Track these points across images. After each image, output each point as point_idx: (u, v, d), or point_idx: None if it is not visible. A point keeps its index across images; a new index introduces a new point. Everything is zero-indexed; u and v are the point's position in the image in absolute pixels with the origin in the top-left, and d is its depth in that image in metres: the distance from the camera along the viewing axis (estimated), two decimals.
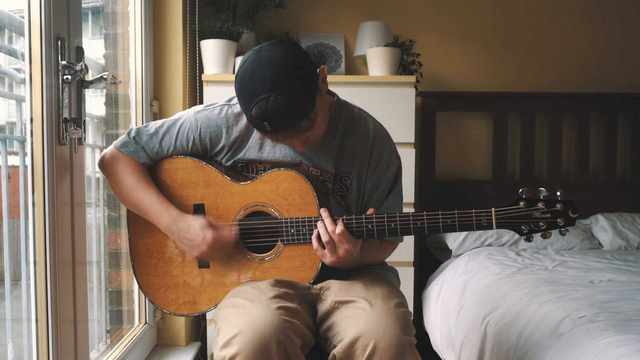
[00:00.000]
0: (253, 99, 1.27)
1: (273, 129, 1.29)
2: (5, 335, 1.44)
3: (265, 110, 1.26)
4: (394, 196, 1.52)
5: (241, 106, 1.33)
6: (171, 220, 1.42)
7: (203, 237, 1.38)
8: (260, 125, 1.30)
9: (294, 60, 1.28)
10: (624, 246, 2.68)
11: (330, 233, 1.35)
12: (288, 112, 1.26)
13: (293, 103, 1.26)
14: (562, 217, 1.33)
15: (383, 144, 1.50)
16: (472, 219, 1.34)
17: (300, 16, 2.96)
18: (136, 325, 2.20)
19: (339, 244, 1.35)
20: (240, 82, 1.30)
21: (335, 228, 1.34)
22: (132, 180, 1.44)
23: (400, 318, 1.28)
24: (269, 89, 1.25)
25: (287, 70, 1.27)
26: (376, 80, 2.46)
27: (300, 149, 1.39)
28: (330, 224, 1.35)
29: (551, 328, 1.65)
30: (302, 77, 1.28)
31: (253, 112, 1.28)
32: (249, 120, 1.32)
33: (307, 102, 1.29)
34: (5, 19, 1.35)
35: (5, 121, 1.64)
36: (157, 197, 1.44)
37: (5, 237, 1.43)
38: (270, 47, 1.30)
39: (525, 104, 2.97)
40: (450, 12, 3.03)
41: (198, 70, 2.56)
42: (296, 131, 1.31)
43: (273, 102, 1.25)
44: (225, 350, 1.22)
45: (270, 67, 1.26)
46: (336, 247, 1.36)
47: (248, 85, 1.28)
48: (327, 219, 1.36)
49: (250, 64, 1.29)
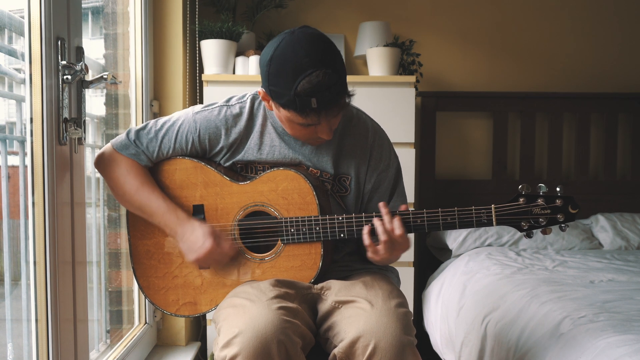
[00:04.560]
0: (299, 75, 1.26)
1: (320, 105, 1.28)
2: (5, 335, 1.44)
3: (317, 84, 1.25)
4: (399, 196, 1.53)
5: (280, 88, 1.29)
6: (178, 223, 1.42)
7: (202, 243, 1.40)
8: (306, 102, 1.27)
9: (329, 41, 1.32)
10: (624, 246, 2.68)
11: (389, 232, 1.33)
12: (335, 86, 1.27)
13: (339, 77, 1.28)
14: (562, 213, 1.33)
15: (382, 144, 1.51)
16: (472, 215, 1.34)
17: (300, 16, 2.96)
18: (136, 325, 2.20)
19: (395, 244, 1.34)
20: (279, 62, 1.28)
21: (394, 228, 1.33)
22: (136, 184, 1.44)
23: (400, 318, 1.28)
24: (316, 63, 1.26)
25: (328, 48, 1.29)
26: (376, 80, 2.46)
27: (327, 136, 1.37)
28: (389, 222, 1.33)
29: (551, 328, 1.65)
30: (339, 56, 1.32)
31: (300, 87, 1.26)
32: (288, 101, 1.29)
33: (345, 80, 1.32)
34: (5, 19, 1.35)
35: (5, 121, 1.63)
36: (164, 200, 1.44)
37: (5, 237, 1.43)
38: (303, 29, 1.31)
39: (525, 104, 2.97)
40: (450, 12, 3.03)
41: (198, 70, 2.56)
42: (338, 108, 1.32)
43: (324, 75, 1.25)
44: (226, 350, 1.22)
45: (313, 44, 1.27)
46: (392, 246, 1.34)
47: (291, 63, 1.26)
48: (387, 216, 1.34)
49: (288, 44, 1.28)
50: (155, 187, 1.46)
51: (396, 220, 1.33)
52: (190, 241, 1.41)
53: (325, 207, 1.43)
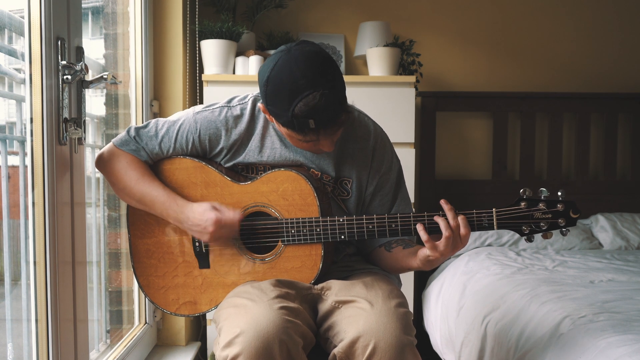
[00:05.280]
0: (296, 97, 1.25)
1: (318, 125, 1.27)
2: (5, 335, 1.44)
3: (314, 107, 1.24)
4: (402, 199, 1.53)
5: (277, 109, 1.29)
6: (179, 210, 1.41)
7: (207, 219, 1.38)
8: (304, 123, 1.27)
9: (326, 56, 1.29)
10: (624, 246, 2.68)
11: (453, 228, 1.31)
12: (332, 106, 1.26)
13: (335, 97, 1.26)
14: (563, 218, 1.33)
15: (384, 147, 1.51)
16: (474, 219, 1.34)
17: (300, 16, 2.96)
18: (136, 325, 2.20)
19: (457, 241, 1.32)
20: (275, 83, 1.27)
21: (458, 224, 1.31)
22: (136, 175, 1.44)
23: (400, 318, 1.28)
24: (312, 85, 1.24)
25: (325, 66, 1.27)
26: (376, 80, 2.46)
27: (329, 148, 1.37)
28: (453, 219, 1.31)
29: (551, 328, 1.65)
30: (337, 72, 1.30)
31: (297, 110, 1.25)
32: (287, 121, 1.29)
33: (344, 95, 1.31)
34: (5, 19, 1.35)
35: (5, 121, 1.63)
36: (163, 189, 1.43)
37: (5, 237, 1.43)
38: (300, 46, 1.29)
39: (525, 104, 2.97)
40: (450, 12, 3.03)
41: (198, 70, 2.56)
42: (338, 126, 1.31)
43: (320, 97, 1.24)
44: (227, 350, 1.22)
45: (309, 64, 1.26)
46: (455, 243, 1.32)
47: (288, 85, 1.25)
48: (450, 212, 1.32)
49: (284, 64, 1.27)
50: (155, 178, 1.45)
51: (461, 219, 1.32)
52: (194, 222, 1.40)
53: (326, 209, 1.43)
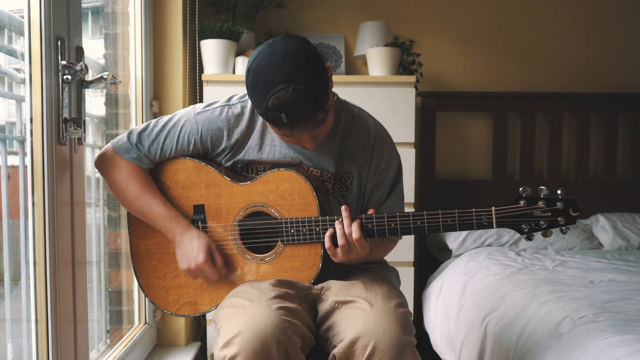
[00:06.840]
0: (270, 90, 1.25)
1: (290, 120, 1.27)
2: (5, 335, 1.44)
3: (284, 101, 1.24)
4: (396, 195, 1.52)
5: (254, 100, 1.31)
6: (178, 230, 1.44)
7: (196, 256, 1.41)
8: (277, 117, 1.27)
9: (309, 52, 1.29)
10: (624, 246, 2.68)
11: (347, 236, 1.34)
12: (306, 102, 1.25)
13: (311, 93, 1.25)
14: (563, 216, 1.33)
15: (384, 143, 1.50)
16: (473, 218, 1.34)
17: (300, 16, 2.96)
18: (136, 325, 2.20)
19: (352, 248, 1.35)
20: (254, 74, 1.28)
21: (351, 231, 1.34)
22: (137, 190, 1.45)
23: (400, 318, 1.28)
24: (287, 79, 1.24)
25: (304, 61, 1.26)
26: (376, 80, 2.46)
27: (310, 145, 1.37)
28: (348, 226, 1.34)
29: (551, 328, 1.65)
30: (318, 69, 1.29)
31: (270, 103, 1.26)
32: (262, 113, 1.30)
33: (323, 93, 1.29)
34: (5, 19, 1.35)
35: (5, 121, 1.63)
36: (165, 207, 1.45)
37: (5, 237, 1.43)
38: (284, 40, 1.29)
39: (525, 104, 2.97)
40: (450, 12, 3.03)
41: (198, 70, 2.56)
42: (313, 123, 1.30)
43: (292, 92, 1.24)
44: (225, 350, 1.22)
45: (287, 58, 1.25)
46: (349, 250, 1.35)
47: (264, 77, 1.26)
48: (347, 220, 1.35)
49: (264, 56, 1.27)
50: (157, 193, 1.46)
51: (355, 225, 1.34)
52: (186, 251, 1.43)
53: (325, 208, 1.43)
